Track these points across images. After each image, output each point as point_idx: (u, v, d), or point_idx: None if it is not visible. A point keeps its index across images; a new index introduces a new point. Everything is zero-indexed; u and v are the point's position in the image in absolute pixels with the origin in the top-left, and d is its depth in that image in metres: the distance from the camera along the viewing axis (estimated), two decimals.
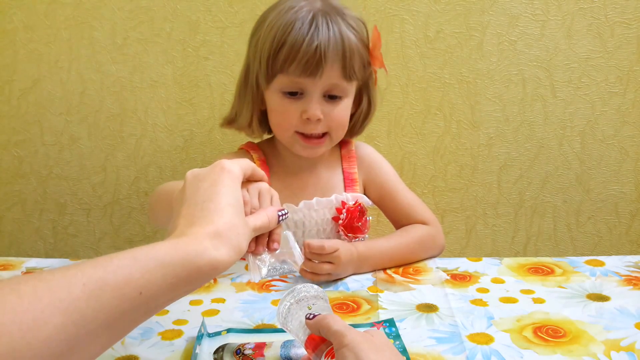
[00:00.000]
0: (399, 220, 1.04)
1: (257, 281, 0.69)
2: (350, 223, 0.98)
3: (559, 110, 1.34)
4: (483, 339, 0.71)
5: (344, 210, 0.98)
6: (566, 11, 1.29)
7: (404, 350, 0.68)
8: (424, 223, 1.02)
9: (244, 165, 0.62)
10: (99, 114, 1.35)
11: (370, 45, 0.96)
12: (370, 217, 1.03)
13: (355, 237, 0.99)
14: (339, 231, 0.99)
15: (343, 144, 1.05)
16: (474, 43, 1.30)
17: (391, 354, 0.55)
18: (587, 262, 0.94)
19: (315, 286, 0.66)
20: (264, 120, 1.00)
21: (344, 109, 0.95)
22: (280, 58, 0.89)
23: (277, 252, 0.65)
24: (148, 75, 1.33)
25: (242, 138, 1.10)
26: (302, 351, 0.67)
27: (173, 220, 0.58)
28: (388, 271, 0.93)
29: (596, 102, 1.34)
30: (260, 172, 0.66)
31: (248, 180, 0.65)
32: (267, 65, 0.91)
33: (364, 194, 1.05)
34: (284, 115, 0.93)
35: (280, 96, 0.92)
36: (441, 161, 1.35)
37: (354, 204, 0.99)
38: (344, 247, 0.88)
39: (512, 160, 1.38)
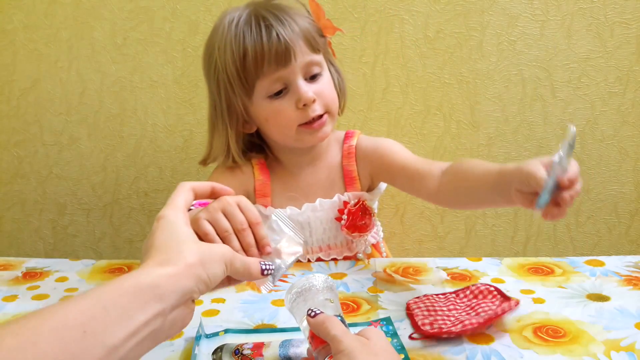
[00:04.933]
0: (419, 182, 0.95)
1: (267, 291, 0.68)
2: (353, 223, 0.98)
3: (559, 111, 1.34)
4: (483, 339, 0.71)
5: (345, 211, 0.98)
6: (566, 11, 1.29)
7: (401, 348, 0.68)
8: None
9: (186, 198, 0.62)
10: (98, 114, 1.35)
11: (314, 16, 0.97)
12: (377, 220, 1.02)
13: (360, 236, 0.99)
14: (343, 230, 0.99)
15: (345, 139, 1.04)
16: (474, 43, 1.30)
17: (386, 359, 0.55)
18: (587, 262, 0.94)
19: (327, 277, 0.66)
20: (250, 143, 1.01)
21: (327, 81, 0.96)
22: (249, 66, 0.90)
23: (274, 246, 0.65)
24: (148, 75, 1.33)
25: None
26: (300, 350, 0.67)
27: None
28: (388, 271, 0.93)
29: (596, 102, 1.34)
30: (220, 187, 0.65)
31: (213, 196, 0.65)
32: (240, 81, 0.92)
33: (375, 183, 1.02)
34: (280, 115, 0.93)
35: (268, 101, 0.93)
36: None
37: (356, 204, 0.99)
38: None
39: (511, 160, 1.37)
